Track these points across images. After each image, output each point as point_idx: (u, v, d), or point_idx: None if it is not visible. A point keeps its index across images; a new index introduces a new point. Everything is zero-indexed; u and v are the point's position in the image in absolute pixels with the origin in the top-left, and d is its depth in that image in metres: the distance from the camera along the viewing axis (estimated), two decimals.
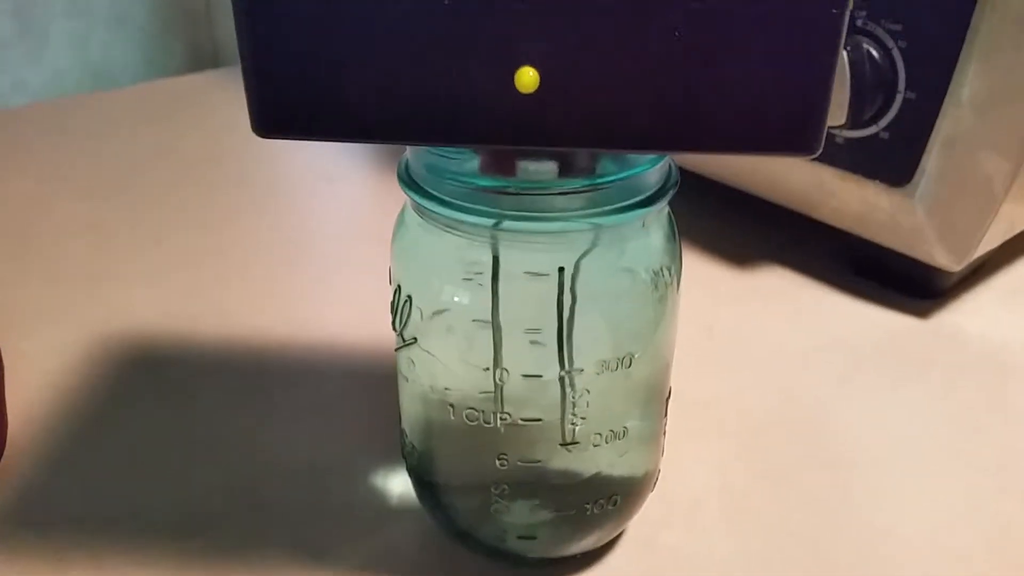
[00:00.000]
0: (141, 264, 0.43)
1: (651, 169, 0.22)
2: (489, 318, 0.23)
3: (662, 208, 0.24)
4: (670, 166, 0.24)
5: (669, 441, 0.28)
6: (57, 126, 0.60)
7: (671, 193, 0.23)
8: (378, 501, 0.29)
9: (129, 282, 0.42)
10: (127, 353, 0.37)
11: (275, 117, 0.20)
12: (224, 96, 0.65)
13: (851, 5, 0.18)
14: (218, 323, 0.39)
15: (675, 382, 0.27)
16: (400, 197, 0.24)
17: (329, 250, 0.46)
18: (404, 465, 0.28)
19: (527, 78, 0.19)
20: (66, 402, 0.34)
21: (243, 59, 0.19)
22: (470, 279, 0.23)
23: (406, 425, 0.26)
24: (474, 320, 0.23)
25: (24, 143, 0.57)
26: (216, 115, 0.62)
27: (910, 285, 0.41)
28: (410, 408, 0.26)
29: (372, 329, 0.33)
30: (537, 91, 0.19)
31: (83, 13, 0.68)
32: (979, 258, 0.40)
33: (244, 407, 0.34)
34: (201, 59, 0.75)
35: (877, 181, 0.38)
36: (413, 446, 0.26)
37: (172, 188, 0.52)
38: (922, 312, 0.40)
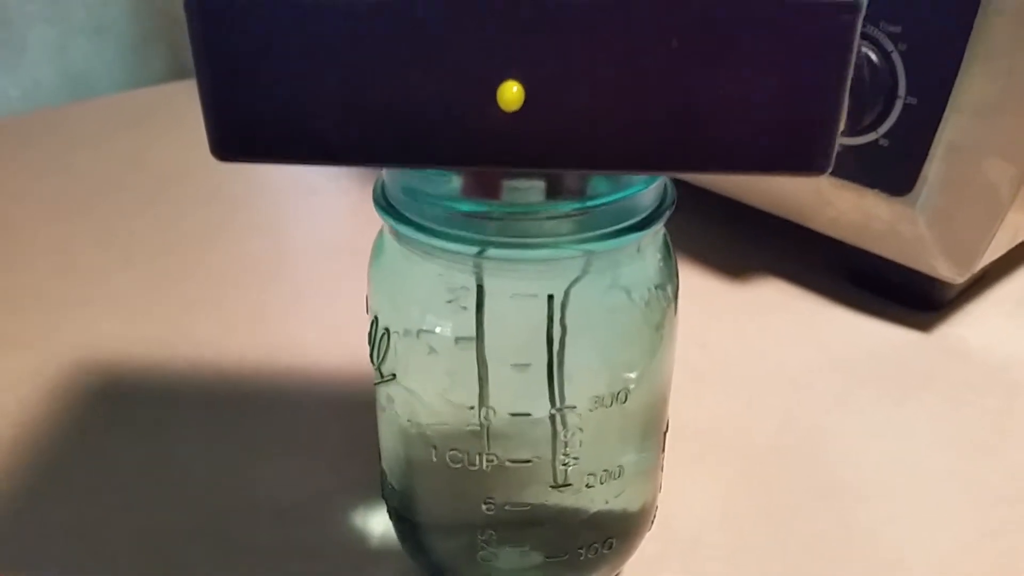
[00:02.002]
0: (109, 287, 0.41)
1: (646, 189, 0.21)
2: (474, 351, 0.21)
3: (658, 230, 0.22)
4: (666, 185, 0.22)
5: (666, 469, 0.26)
6: (28, 140, 0.58)
7: (668, 214, 0.21)
8: (357, 542, 0.28)
9: (96, 307, 0.40)
10: (93, 383, 0.35)
11: (235, 139, 0.18)
12: None
13: (863, 11, 0.17)
14: (190, 350, 0.37)
15: (670, 405, 0.25)
16: None
17: (310, 268, 0.44)
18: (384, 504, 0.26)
19: (511, 95, 0.17)
20: (26, 436, 0.32)
21: (199, 77, 0.18)
22: (453, 309, 0.21)
23: (386, 464, 0.25)
24: (457, 354, 0.21)
25: None
26: (194, 125, 0.60)
27: (911, 297, 0.40)
28: (390, 447, 0.24)
29: (354, 353, 0.31)
30: (522, 108, 0.17)
31: (62, 20, 0.66)
32: (982, 268, 0.39)
33: (217, 440, 0.32)
34: (183, 67, 0.73)
35: (877, 190, 0.37)
36: (393, 487, 0.24)
37: (144, 205, 0.50)
38: (924, 325, 0.39)
